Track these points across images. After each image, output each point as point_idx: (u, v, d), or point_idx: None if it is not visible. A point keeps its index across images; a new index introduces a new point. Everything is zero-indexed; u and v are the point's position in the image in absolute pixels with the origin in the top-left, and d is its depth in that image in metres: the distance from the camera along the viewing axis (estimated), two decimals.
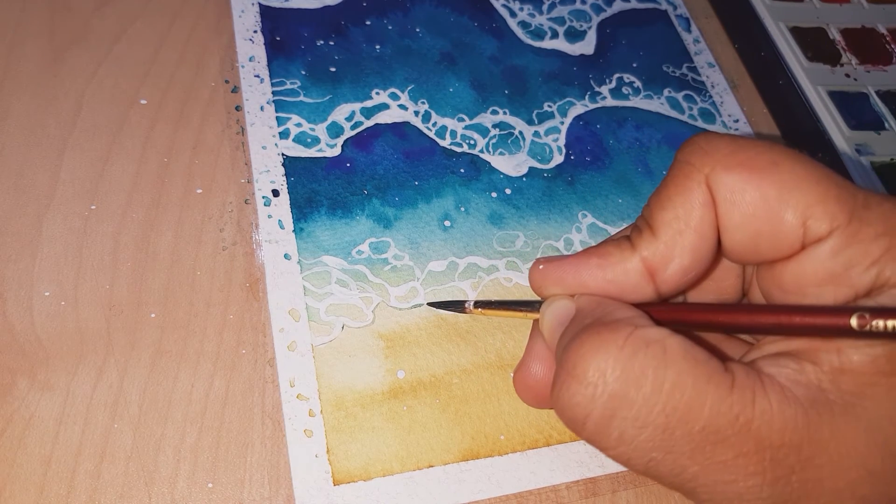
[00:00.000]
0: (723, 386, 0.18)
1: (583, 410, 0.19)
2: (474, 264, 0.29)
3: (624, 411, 0.18)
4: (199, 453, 0.24)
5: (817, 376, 0.18)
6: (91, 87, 0.30)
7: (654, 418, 0.18)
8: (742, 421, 0.18)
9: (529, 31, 0.37)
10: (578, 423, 0.19)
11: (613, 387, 0.18)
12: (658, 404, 0.18)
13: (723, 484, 0.18)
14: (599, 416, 0.18)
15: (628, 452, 0.19)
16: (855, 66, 0.40)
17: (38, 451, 0.23)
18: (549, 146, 0.33)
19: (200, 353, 0.26)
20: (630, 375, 0.18)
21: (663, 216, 0.20)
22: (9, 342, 0.25)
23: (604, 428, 0.18)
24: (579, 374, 0.19)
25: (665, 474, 0.19)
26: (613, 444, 0.19)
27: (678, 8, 0.40)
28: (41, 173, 0.28)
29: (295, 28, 0.34)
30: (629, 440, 0.18)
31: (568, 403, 0.19)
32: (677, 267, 0.20)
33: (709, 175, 0.19)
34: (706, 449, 0.18)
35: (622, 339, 0.18)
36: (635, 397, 0.18)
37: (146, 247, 0.27)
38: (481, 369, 0.27)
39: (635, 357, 0.18)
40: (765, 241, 0.19)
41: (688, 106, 0.36)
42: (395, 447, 0.25)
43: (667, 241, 0.20)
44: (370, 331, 0.27)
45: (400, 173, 0.31)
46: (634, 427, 0.18)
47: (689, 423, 0.18)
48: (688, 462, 0.18)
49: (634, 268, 0.20)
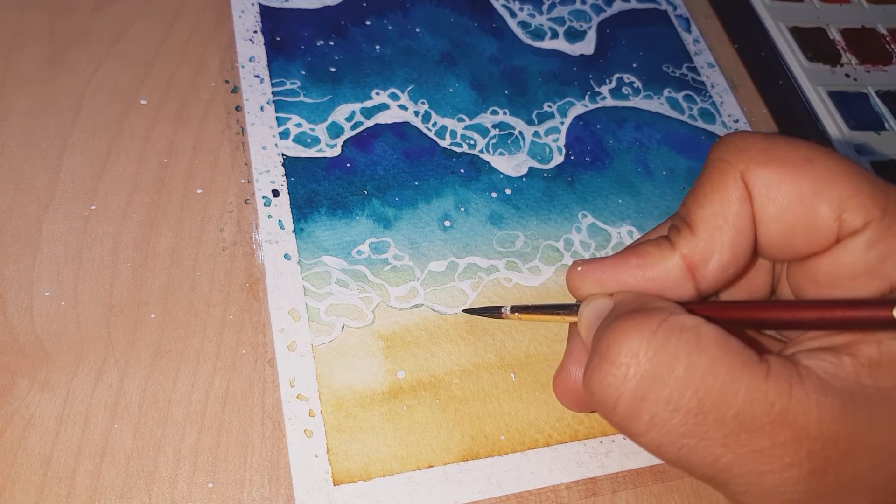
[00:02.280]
0: (758, 374, 0.18)
1: (614, 392, 0.18)
2: (474, 264, 0.29)
3: (655, 393, 0.18)
4: (199, 453, 0.24)
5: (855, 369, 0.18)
6: (91, 87, 0.30)
7: (686, 402, 0.18)
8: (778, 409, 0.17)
9: (529, 32, 0.37)
10: (610, 406, 0.19)
11: (646, 367, 0.18)
12: (690, 387, 0.18)
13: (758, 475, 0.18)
14: (631, 397, 0.18)
15: (660, 438, 0.18)
16: (855, 66, 0.40)
17: (38, 451, 0.23)
18: (549, 146, 0.33)
19: (200, 353, 0.26)
20: (663, 358, 0.18)
21: (701, 213, 0.20)
22: (9, 342, 0.25)
23: (635, 411, 0.18)
24: (612, 356, 0.18)
25: (698, 464, 0.18)
26: (644, 428, 0.18)
27: (678, 8, 0.40)
28: (41, 173, 0.28)
29: (295, 28, 0.34)
30: (660, 424, 0.18)
31: (599, 385, 0.19)
32: (717, 263, 0.20)
33: (744, 171, 0.20)
34: (740, 437, 0.18)
35: (656, 324, 0.18)
36: (667, 379, 0.18)
37: (146, 247, 0.27)
38: (481, 369, 0.27)
39: (668, 341, 0.18)
40: (800, 235, 0.19)
41: (688, 106, 0.36)
42: (395, 447, 0.25)
43: (706, 237, 0.20)
44: (370, 331, 0.27)
45: (400, 173, 0.31)
46: (666, 410, 0.18)
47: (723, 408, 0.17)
48: (721, 450, 0.18)
49: (675, 265, 0.20)
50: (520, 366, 0.27)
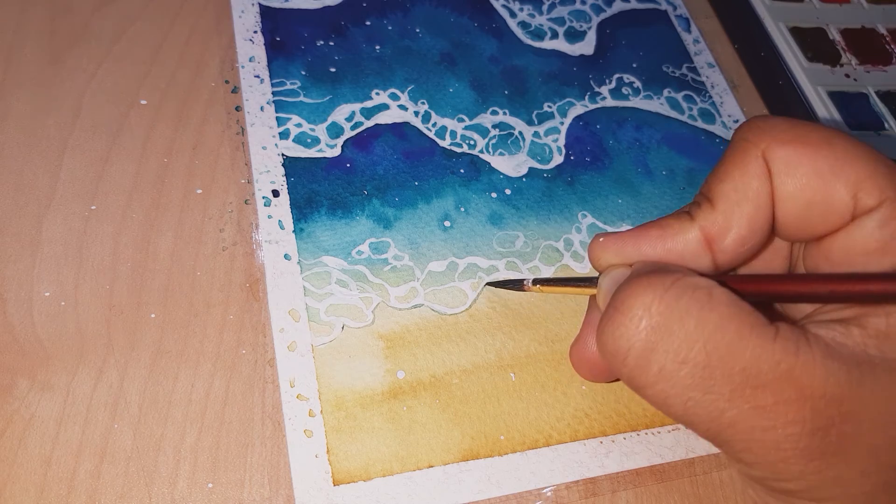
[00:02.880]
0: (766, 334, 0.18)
1: (626, 343, 0.19)
2: (474, 264, 0.29)
3: (665, 344, 0.18)
4: (199, 453, 0.24)
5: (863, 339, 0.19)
6: (91, 87, 0.30)
7: (694, 355, 0.18)
8: (784, 368, 0.18)
9: (529, 32, 0.37)
10: (621, 356, 0.19)
11: (657, 320, 0.19)
12: (699, 341, 0.18)
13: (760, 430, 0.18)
14: (642, 347, 0.19)
15: (667, 390, 0.19)
16: (855, 66, 0.40)
17: (38, 451, 0.23)
18: (549, 146, 0.33)
19: (200, 354, 0.26)
20: (674, 312, 0.19)
21: (722, 188, 0.21)
22: (9, 342, 0.25)
23: (644, 362, 0.19)
24: (625, 308, 0.19)
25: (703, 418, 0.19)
26: (653, 379, 0.19)
27: (678, 8, 0.40)
28: (41, 173, 0.28)
29: (295, 28, 0.34)
30: (669, 376, 0.19)
31: (612, 336, 0.19)
32: (735, 236, 0.21)
33: (765, 150, 0.20)
34: (745, 392, 0.18)
35: (670, 282, 0.19)
36: (678, 332, 0.18)
37: (146, 247, 0.27)
38: (481, 369, 0.27)
39: (681, 297, 0.19)
40: (817, 212, 0.20)
41: (687, 106, 0.36)
42: (395, 447, 0.25)
43: (725, 211, 0.21)
44: (370, 331, 0.27)
45: (400, 174, 0.31)
46: (675, 362, 0.18)
47: (730, 363, 0.18)
48: (726, 405, 0.18)
49: (693, 237, 0.21)
50: (520, 366, 0.27)
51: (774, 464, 0.18)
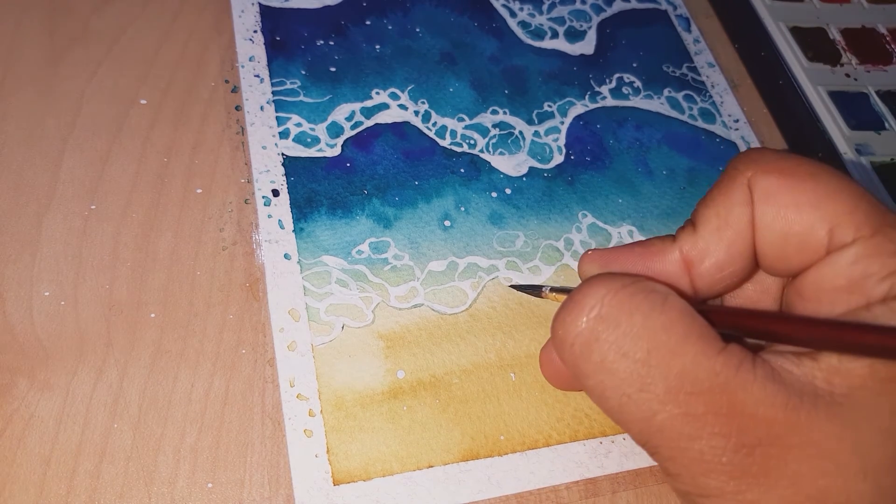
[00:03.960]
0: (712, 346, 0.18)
1: (574, 329, 0.19)
2: (474, 264, 0.29)
3: (610, 335, 0.19)
4: (199, 453, 0.24)
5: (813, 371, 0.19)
6: (91, 87, 0.30)
7: (635, 350, 0.19)
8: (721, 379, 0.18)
9: (529, 31, 0.37)
10: (568, 342, 0.20)
11: (607, 311, 0.19)
12: (643, 338, 0.19)
13: (687, 439, 0.18)
14: (587, 336, 0.19)
15: (605, 382, 0.19)
16: (855, 66, 0.40)
17: (37, 451, 0.23)
18: (549, 146, 0.33)
19: (200, 353, 0.26)
20: (625, 307, 0.19)
21: (705, 213, 0.21)
22: (9, 342, 0.25)
23: (588, 350, 0.19)
24: (579, 299, 0.20)
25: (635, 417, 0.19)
26: (593, 369, 0.19)
27: (678, 8, 0.40)
28: (41, 173, 0.28)
29: (295, 28, 0.34)
30: (608, 367, 0.19)
31: (562, 322, 0.20)
32: (713, 262, 0.21)
33: (751, 178, 0.21)
34: (679, 396, 0.18)
35: (629, 281, 0.20)
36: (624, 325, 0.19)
37: (146, 247, 0.27)
38: (481, 369, 0.27)
39: (635, 295, 0.19)
40: (793, 243, 0.20)
41: (688, 106, 0.36)
42: (394, 447, 0.25)
43: (705, 236, 0.21)
44: (370, 331, 0.27)
45: (400, 173, 0.31)
46: (616, 354, 0.19)
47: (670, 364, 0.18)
48: (658, 406, 0.18)
49: (673, 259, 0.22)
50: (520, 366, 0.27)
51: (696, 476, 0.18)
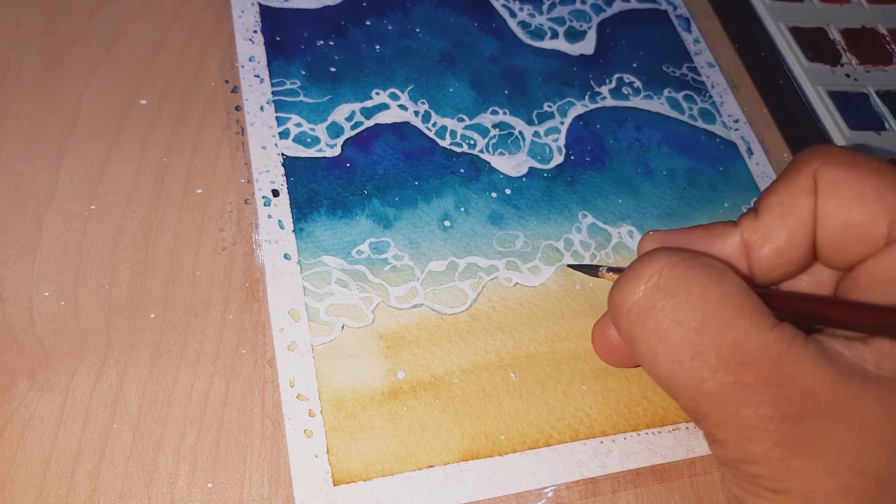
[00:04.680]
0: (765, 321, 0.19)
1: (631, 296, 0.20)
2: (474, 264, 0.29)
3: (666, 303, 0.19)
4: (199, 453, 0.24)
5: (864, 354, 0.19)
6: (91, 87, 0.30)
7: (690, 319, 0.19)
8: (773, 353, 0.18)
9: (529, 32, 0.37)
10: (625, 309, 0.20)
11: (665, 281, 0.20)
12: (699, 308, 0.19)
13: (735, 405, 0.19)
14: (644, 303, 0.20)
15: (657, 348, 0.20)
16: (855, 66, 0.40)
17: (37, 451, 0.23)
18: (549, 146, 0.33)
19: (200, 353, 0.26)
20: (682, 278, 0.19)
21: (768, 200, 0.22)
22: (9, 342, 0.25)
23: (643, 317, 0.20)
24: (640, 268, 0.20)
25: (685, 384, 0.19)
26: (647, 334, 0.20)
27: (678, 8, 0.40)
28: (41, 173, 0.28)
29: (295, 28, 0.34)
30: (662, 334, 0.19)
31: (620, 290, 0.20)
32: (773, 247, 0.22)
33: (816, 169, 0.21)
34: (730, 366, 0.19)
35: (689, 255, 0.20)
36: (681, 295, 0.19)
37: (146, 247, 0.27)
38: (481, 369, 0.27)
39: (693, 268, 0.20)
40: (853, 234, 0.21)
41: (688, 106, 0.36)
42: (395, 447, 0.25)
43: (767, 222, 0.22)
44: (370, 331, 0.27)
45: (400, 173, 0.31)
46: (672, 322, 0.19)
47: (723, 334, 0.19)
48: (708, 374, 0.19)
49: (733, 243, 0.22)
50: (520, 366, 0.27)
51: (742, 443, 0.19)
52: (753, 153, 0.35)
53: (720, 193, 0.34)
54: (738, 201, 0.34)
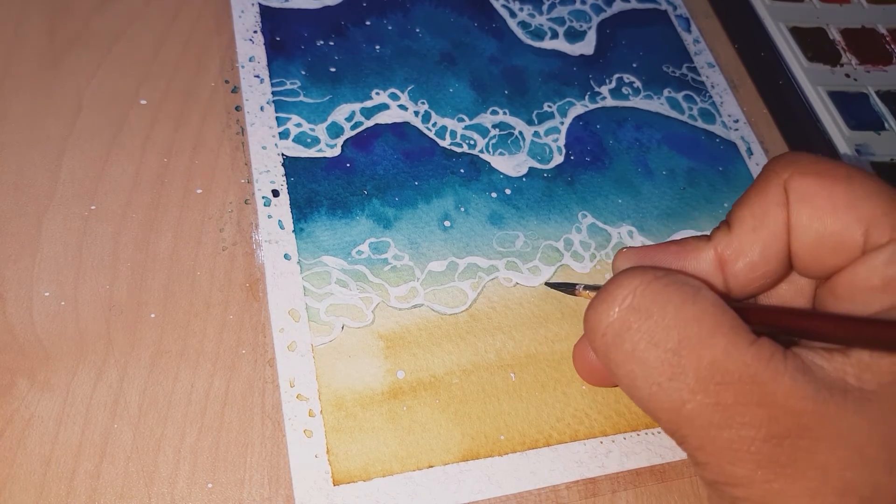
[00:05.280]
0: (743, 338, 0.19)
1: (606, 318, 0.20)
2: (474, 264, 0.29)
3: (642, 325, 0.19)
4: (199, 453, 0.24)
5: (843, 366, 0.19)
6: (91, 87, 0.30)
7: (667, 340, 0.19)
8: (752, 371, 0.18)
9: (529, 32, 0.37)
10: (600, 332, 0.20)
11: (639, 301, 0.19)
12: (675, 329, 0.19)
13: (716, 428, 0.18)
14: (619, 325, 0.19)
15: (636, 371, 0.19)
16: (855, 66, 0.40)
17: (37, 451, 0.23)
18: (549, 146, 0.33)
19: (200, 353, 0.26)
20: (657, 298, 0.19)
21: (740, 214, 0.22)
22: (9, 342, 0.25)
23: (619, 339, 0.19)
24: (613, 289, 0.20)
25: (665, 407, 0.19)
26: (624, 358, 0.19)
27: (678, 8, 0.40)
28: (41, 173, 0.28)
29: (295, 28, 0.34)
30: (639, 356, 0.19)
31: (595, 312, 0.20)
32: (747, 262, 0.21)
33: (787, 180, 0.21)
34: (709, 387, 0.18)
35: (662, 273, 0.20)
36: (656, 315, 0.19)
37: (146, 247, 0.27)
38: (481, 369, 0.27)
39: (668, 287, 0.19)
40: (828, 244, 0.20)
41: (688, 106, 0.36)
42: (394, 447, 0.25)
43: (740, 236, 0.21)
44: (370, 331, 0.27)
45: (400, 173, 0.31)
46: (648, 343, 0.19)
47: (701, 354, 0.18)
48: (688, 396, 0.18)
49: (707, 258, 0.22)
50: (520, 366, 0.27)
51: (724, 466, 0.18)
52: (753, 153, 0.35)
53: (720, 193, 0.34)
54: None
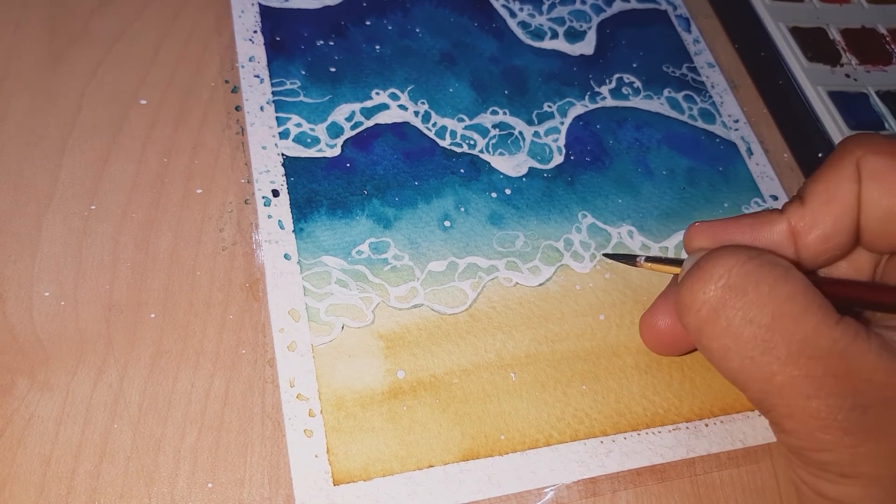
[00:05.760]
0: (831, 317, 0.20)
1: (702, 295, 0.21)
2: (474, 264, 0.29)
3: (737, 303, 0.20)
4: (199, 453, 0.24)
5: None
6: (91, 87, 0.30)
7: (761, 317, 0.20)
8: (840, 346, 0.19)
9: (529, 32, 0.37)
10: (695, 308, 0.21)
11: (735, 280, 0.20)
12: (769, 306, 0.20)
13: (805, 398, 0.20)
14: (715, 302, 0.20)
15: (729, 345, 0.20)
16: (855, 66, 0.40)
17: (37, 451, 0.23)
18: (549, 146, 0.33)
19: (200, 353, 0.26)
20: (752, 277, 0.20)
21: (814, 188, 0.23)
22: (9, 342, 0.25)
23: (715, 316, 0.20)
24: (708, 267, 0.21)
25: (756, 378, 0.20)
26: (719, 333, 0.20)
27: (678, 8, 0.40)
28: (41, 173, 0.28)
29: (295, 28, 0.34)
30: (734, 332, 0.20)
31: (690, 289, 0.21)
32: (819, 233, 0.22)
33: (860, 158, 0.22)
34: (800, 360, 0.19)
35: (754, 253, 0.21)
36: (751, 294, 0.20)
37: (146, 247, 0.27)
38: (481, 369, 0.27)
39: (761, 266, 0.20)
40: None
41: (688, 106, 0.36)
42: (395, 447, 0.25)
43: (813, 209, 0.22)
44: (370, 331, 0.27)
45: (400, 173, 0.31)
46: (743, 320, 0.20)
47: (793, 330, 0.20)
48: (779, 368, 0.20)
49: (780, 230, 0.23)
50: (520, 366, 0.27)
51: (812, 432, 0.20)
52: (753, 153, 0.35)
53: (720, 193, 0.34)
54: (738, 201, 0.34)
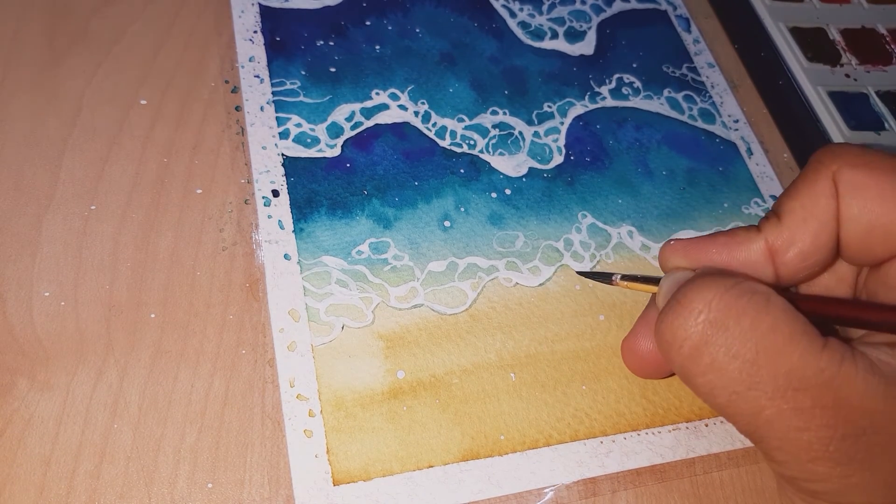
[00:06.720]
0: (815, 343, 0.19)
1: (683, 333, 0.20)
2: (474, 264, 0.29)
3: (720, 339, 0.20)
4: (199, 453, 0.24)
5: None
6: (91, 88, 0.30)
7: (745, 352, 0.19)
8: (826, 375, 0.19)
9: (529, 32, 0.37)
10: (677, 345, 0.20)
11: (715, 315, 0.20)
12: (752, 340, 0.19)
13: (795, 431, 0.19)
14: (697, 339, 0.20)
15: (714, 381, 0.20)
16: (855, 66, 0.40)
17: (37, 451, 0.23)
18: (549, 146, 0.33)
19: (200, 353, 0.26)
20: (732, 310, 0.20)
21: (790, 205, 0.22)
22: (9, 342, 0.25)
23: (698, 353, 0.20)
24: (687, 302, 0.20)
25: (744, 413, 0.20)
26: (703, 370, 0.20)
27: (678, 8, 0.40)
28: (41, 173, 0.28)
29: (295, 28, 0.34)
30: (718, 368, 0.20)
31: (670, 326, 0.21)
32: (798, 251, 0.22)
33: (836, 172, 0.21)
34: (787, 393, 0.19)
35: (731, 283, 0.20)
36: (733, 328, 0.19)
37: (146, 247, 0.27)
38: (481, 369, 0.27)
39: (741, 297, 0.20)
40: (878, 235, 0.21)
41: (688, 106, 0.36)
42: (394, 447, 0.25)
43: (790, 226, 0.22)
44: (370, 331, 0.27)
45: (400, 174, 0.31)
46: (727, 356, 0.20)
47: (778, 363, 0.19)
48: (766, 403, 0.19)
49: (758, 249, 0.22)
50: (520, 366, 0.27)
51: (804, 464, 0.19)
52: (753, 153, 0.35)
53: (720, 193, 0.34)
54: (738, 201, 0.34)
